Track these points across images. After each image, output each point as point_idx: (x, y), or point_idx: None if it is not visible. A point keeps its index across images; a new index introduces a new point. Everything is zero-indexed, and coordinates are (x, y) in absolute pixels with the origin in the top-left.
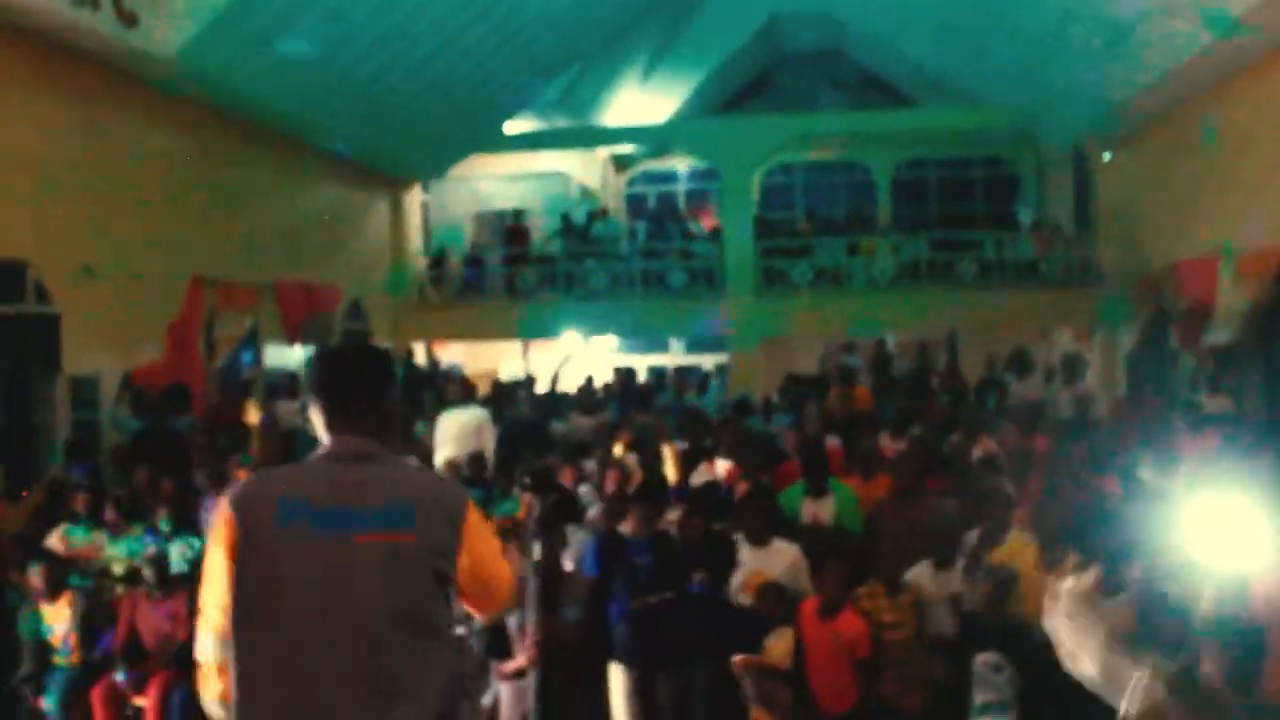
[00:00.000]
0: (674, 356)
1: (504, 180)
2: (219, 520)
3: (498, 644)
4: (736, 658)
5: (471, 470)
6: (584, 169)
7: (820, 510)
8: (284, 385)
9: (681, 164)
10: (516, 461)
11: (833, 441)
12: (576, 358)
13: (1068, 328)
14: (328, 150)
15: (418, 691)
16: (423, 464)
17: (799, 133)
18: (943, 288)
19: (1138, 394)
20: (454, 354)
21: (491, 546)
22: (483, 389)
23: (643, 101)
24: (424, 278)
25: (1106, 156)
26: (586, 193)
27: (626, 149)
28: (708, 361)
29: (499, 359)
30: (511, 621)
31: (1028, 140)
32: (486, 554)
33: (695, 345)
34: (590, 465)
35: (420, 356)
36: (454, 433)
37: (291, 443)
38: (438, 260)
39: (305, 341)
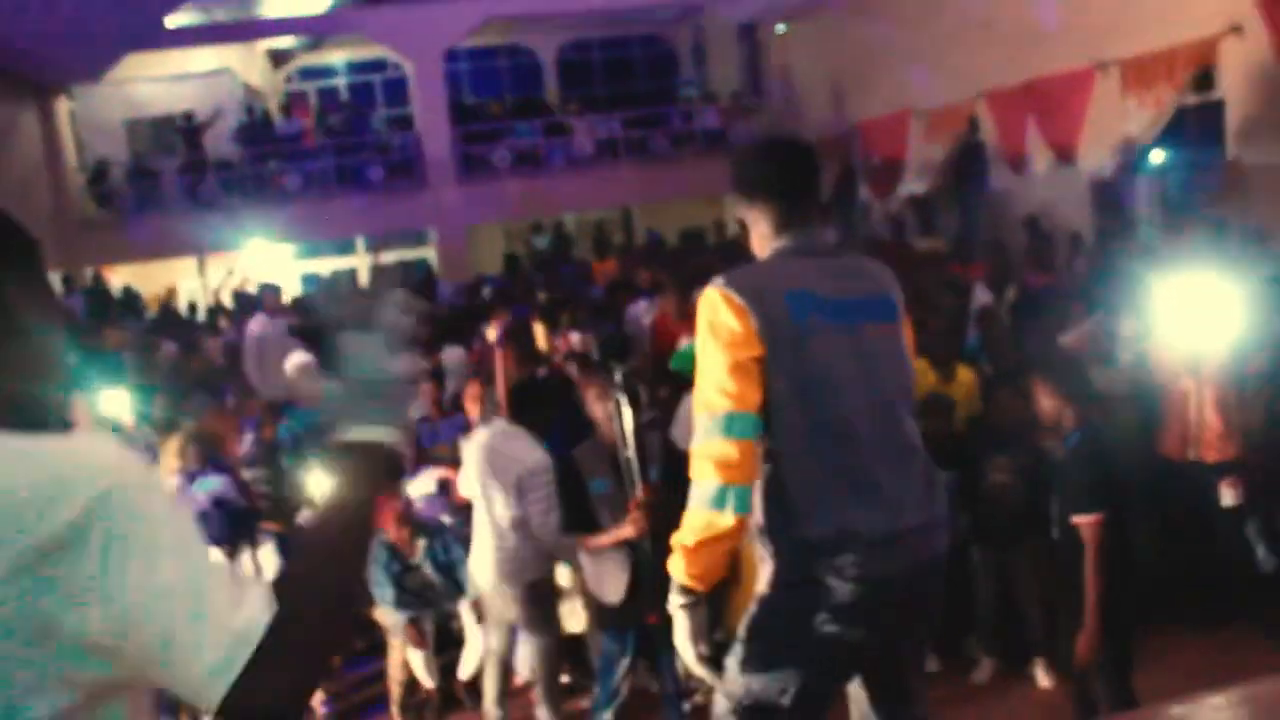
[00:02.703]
0: (361, 258)
1: (162, 82)
2: (723, 310)
3: (580, 515)
4: None
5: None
6: (245, 67)
7: None
8: None
9: (339, 56)
10: None
11: None
12: (253, 268)
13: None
14: None
15: (937, 477)
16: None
17: (487, 15)
18: (638, 163)
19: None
20: (122, 276)
21: None
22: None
23: None
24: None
25: (780, 28)
26: (251, 91)
27: (285, 42)
28: (396, 259)
29: (173, 278)
30: (598, 485)
31: (687, 17)
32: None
33: (381, 244)
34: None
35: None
36: (291, 342)
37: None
38: (99, 174)
39: None
